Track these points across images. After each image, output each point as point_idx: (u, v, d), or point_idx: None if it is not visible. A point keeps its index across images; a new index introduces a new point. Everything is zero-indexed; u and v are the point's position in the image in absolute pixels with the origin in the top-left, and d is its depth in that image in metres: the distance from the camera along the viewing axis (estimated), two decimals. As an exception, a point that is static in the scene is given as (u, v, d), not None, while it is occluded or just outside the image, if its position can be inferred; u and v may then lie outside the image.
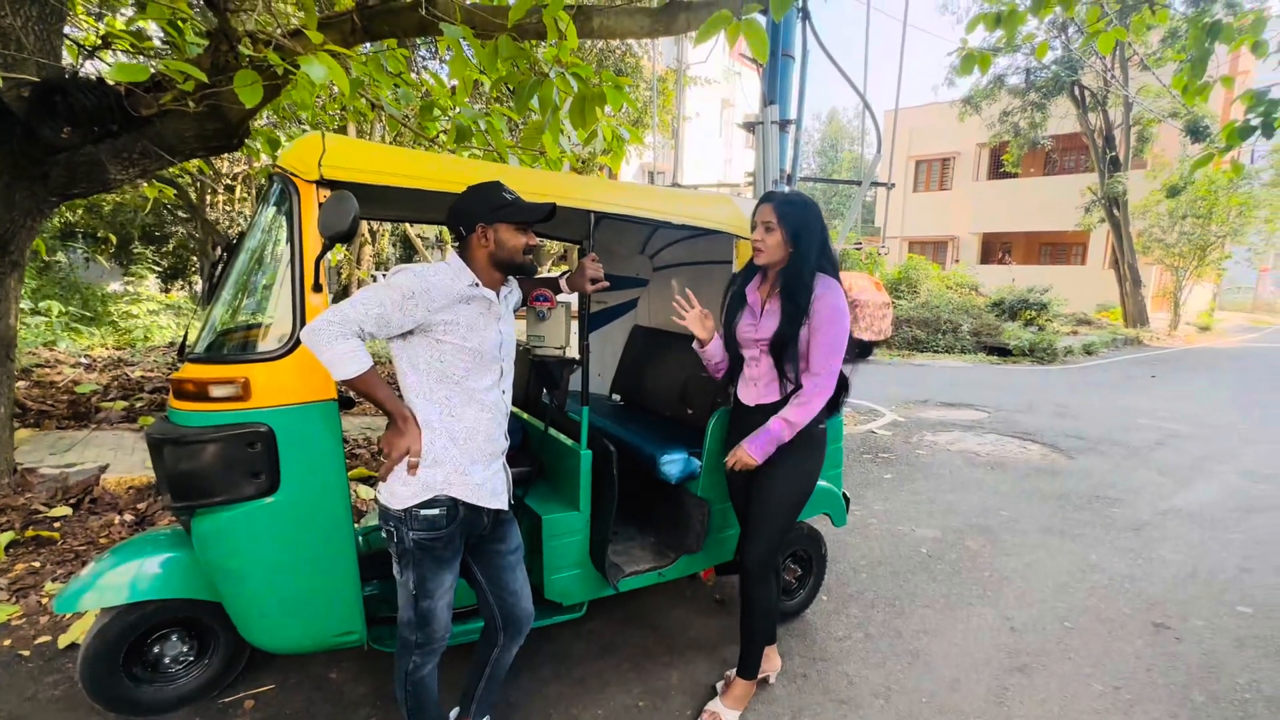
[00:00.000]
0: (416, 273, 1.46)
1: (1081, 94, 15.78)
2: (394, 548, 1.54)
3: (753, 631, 2.06)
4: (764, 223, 1.92)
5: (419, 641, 1.58)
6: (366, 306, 1.39)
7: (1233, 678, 2.39)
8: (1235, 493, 4.53)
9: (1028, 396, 8.12)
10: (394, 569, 1.56)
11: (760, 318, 1.97)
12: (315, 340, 1.37)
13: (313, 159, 1.60)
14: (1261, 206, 16.23)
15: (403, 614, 1.58)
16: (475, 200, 1.56)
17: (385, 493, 1.53)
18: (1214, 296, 22.96)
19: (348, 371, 1.38)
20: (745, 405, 2.05)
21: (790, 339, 1.88)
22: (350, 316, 1.38)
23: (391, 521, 1.52)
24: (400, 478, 1.50)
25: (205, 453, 1.61)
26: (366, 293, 1.41)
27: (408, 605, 1.56)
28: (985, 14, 3.79)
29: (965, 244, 23.04)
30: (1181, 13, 12.71)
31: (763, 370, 1.99)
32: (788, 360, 1.91)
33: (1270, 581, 3.18)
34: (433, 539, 1.51)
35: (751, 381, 2.03)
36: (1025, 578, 3.16)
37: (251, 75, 2.73)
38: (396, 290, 1.42)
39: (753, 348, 1.99)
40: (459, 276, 1.51)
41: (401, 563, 1.54)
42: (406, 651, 1.60)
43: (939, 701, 2.20)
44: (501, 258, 1.55)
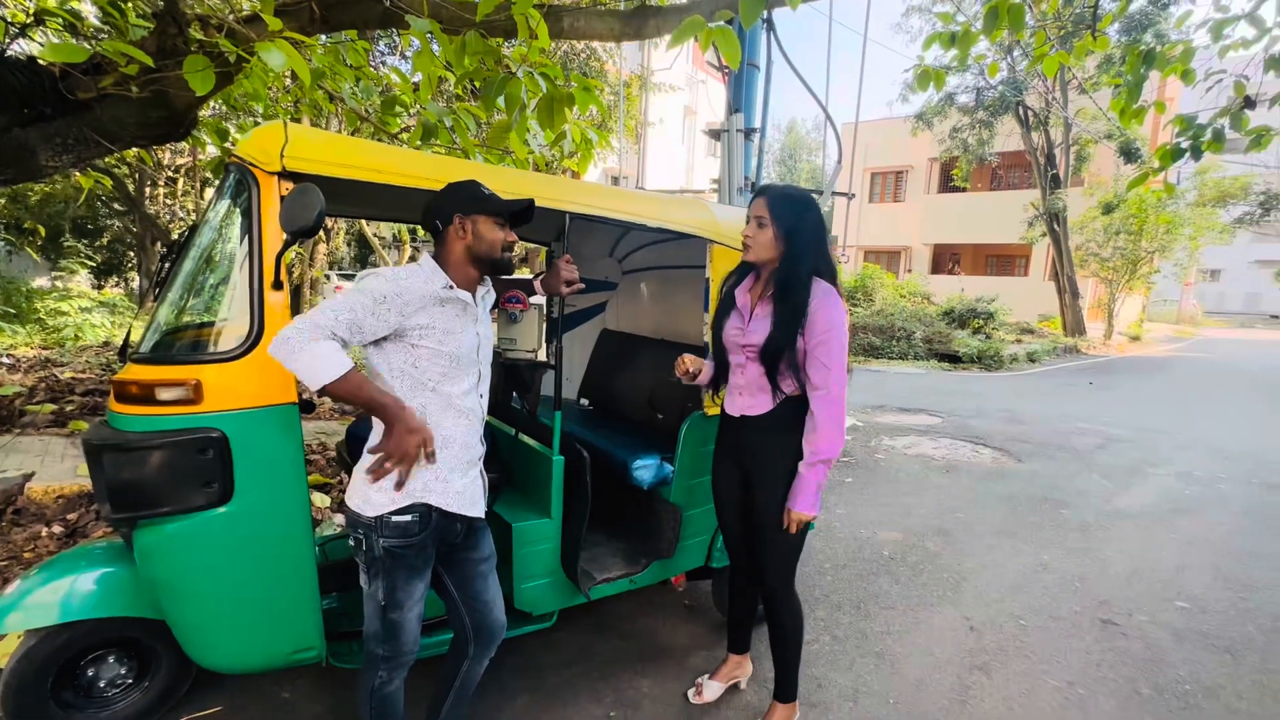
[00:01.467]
0: (387, 276, 1.40)
1: (1025, 114, 16.57)
2: (362, 556, 1.46)
3: (787, 652, 1.96)
4: (756, 217, 1.79)
5: (386, 655, 1.50)
6: (336, 312, 1.31)
7: (1175, 670, 2.51)
8: (1170, 494, 4.79)
9: (978, 402, 8.43)
10: (361, 579, 1.49)
11: (749, 321, 1.83)
12: (285, 350, 1.27)
13: (274, 149, 1.51)
14: (1186, 225, 17.35)
15: (369, 626, 1.50)
16: (454, 194, 1.50)
17: (357, 499, 1.45)
18: (1143, 308, 24.36)
19: (326, 375, 1.27)
20: (729, 416, 1.93)
21: (784, 346, 1.73)
22: (320, 323, 1.29)
23: (361, 529, 1.44)
24: (377, 484, 1.43)
25: (151, 460, 1.50)
26: (336, 299, 1.34)
27: (375, 616, 1.48)
28: (940, 33, 3.92)
29: (917, 254, 23.85)
30: (1117, 40, 13.51)
31: (749, 378, 1.83)
32: (782, 369, 1.76)
33: (1204, 578, 3.37)
34: (404, 546, 1.45)
35: (736, 390, 1.89)
36: (982, 578, 3.25)
37: (202, 61, 2.59)
38: (368, 295, 1.35)
39: (739, 354, 1.84)
40: (432, 279, 1.45)
41: (370, 572, 1.46)
42: (373, 665, 1.52)
43: (905, 703, 2.23)
44: (479, 252, 1.50)
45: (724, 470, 1.98)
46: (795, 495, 1.76)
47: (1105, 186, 16.99)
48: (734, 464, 1.94)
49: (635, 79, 12.86)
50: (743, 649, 2.23)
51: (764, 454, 1.85)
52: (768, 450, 1.85)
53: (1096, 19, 4.92)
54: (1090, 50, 4.17)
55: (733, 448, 1.94)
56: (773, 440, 1.84)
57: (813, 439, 1.73)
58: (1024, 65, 14.47)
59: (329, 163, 1.57)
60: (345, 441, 2.49)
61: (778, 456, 1.83)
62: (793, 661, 1.98)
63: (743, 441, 1.90)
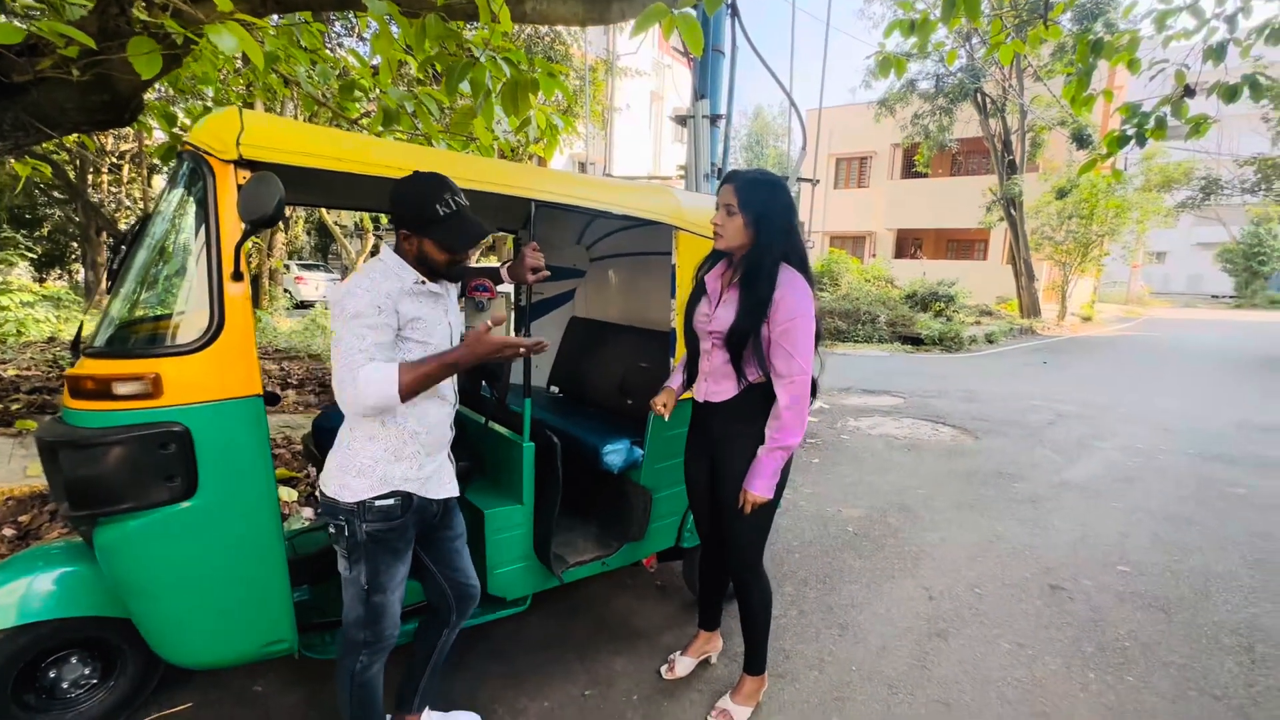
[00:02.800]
0: (363, 287, 1.40)
1: (983, 101, 16.96)
2: (343, 543, 1.48)
3: (755, 630, 2.02)
4: (725, 204, 1.77)
5: (367, 639, 1.53)
6: (358, 345, 1.35)
7: (1115, 629, 2.68)
8: (1115, 466, 5.05)
9: (939, 382, 8.70)
10: (341, 565, 1.50)
11: (716, 307, 1.84)
12: (357, 403, 1.35)
13: (230, 137, 1.48)
14: (1133, 209, 18.07)
15: (350, 612, 1.52)
16: (412, 198, 1.46)
17: (334, 485, 1.46)
18: (1094, 290, 25.34)
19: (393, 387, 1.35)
20: (701, 403, 1.95)
21: (748, 332, 1.74)
22: (355, 363, 1.35)
23: (341, 515, 1.46)
24: (355, 469, 1.45)
25: (110, 455, 1.47)
26: (344, 339, 1.37)
27: (357, 601, 1.51)
28: (900, 20, 4.01)
29: (881, 239, 24.31)
30: (1069, 29, 13.87)
31: (715, 364, 1.86)
32: (746, 356, 1.78)
33: (1144, 544, 3.58)
34: (387, 530, 1.48)
35: (703, 376, 1.91)
36: (941, 550, 3.40)
37: (148, 43, 2.49)
38: (366, 315, 1.38)
39: (706, 340, 1.87)
40: (401, 274, 1.47)
41: (352, 558, 1.48)
42: (353, 651, 1.54)
43: (868, 668, 2.34)
44: (426, 264, 1.51)
45: (693, 455, 2.03)
46: (751, 477, 1.79)
47: (1059, 172, 17.55)
48: (702, 449, 1.98)
49: (601, 63, 12.74)
50: (713, 625, 2.30)
51: (729, 439, 1.87)
52: (732, 435, 1.87)
53: (1048, 8, 5.06)
54: (1044, 39, 4.31)
55: (701, 432, 1.98)
56: (737, 426, 1.86)
57: (774, 425, 1.76)
58: (981, 53, 14.77)
59: (287, 150, 1.55)
60: (312, 434, 2.47)
61: (742, 442, 1.84)
62: (761, 637, 2.04)
63: (710, 426, 1.93)
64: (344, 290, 1.42)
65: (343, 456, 1.48)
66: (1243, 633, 2.67)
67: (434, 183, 1.46)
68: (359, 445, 1.48)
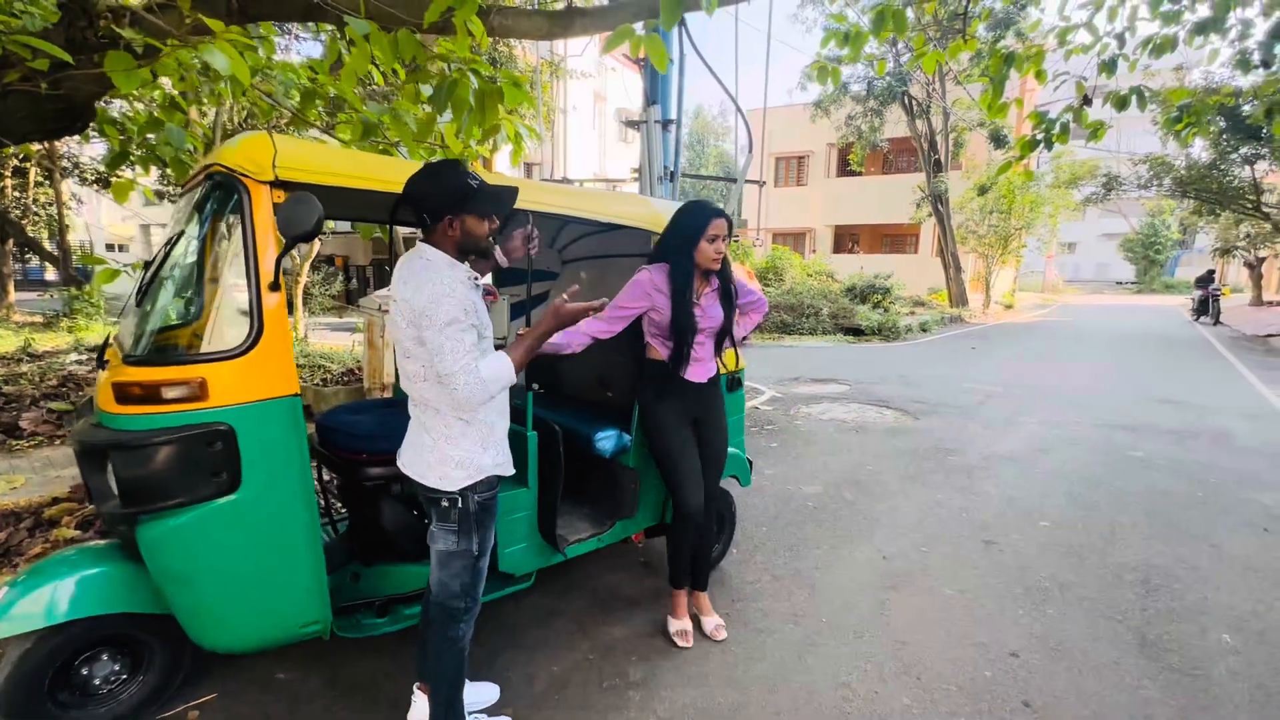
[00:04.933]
0: (445, 293, 1.49)
1: (910, 103, 17.99)
2: (451, 522, 1.64)
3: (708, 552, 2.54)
4: (724, 237, 2.27)
5: (468, 606, 1.72)
6: (464, 345, 1.51)
7: (1039, 573, 3.10)
8: (1036, 438, 5.64)
9: (879, 370, 9.29)
10: (445, 542, 1.66)
11: (705, 309, 2.32)
12: (483, 394, 1.53)
13: (265, 159, 1.62)
14: (1046, 204, 19.57)
15: (452, 584, 1.68)
16: (438, 185, 1.55)
17: (434, 476, 1.63)
18: (1014, 279, 27.21)
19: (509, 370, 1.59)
20: (696, 384, 2.37)
21: (732, 319, 2.38)
22: (469, 364, 1.51)
23: (447, 498, 1.63)
24: (454, 461, 1.62)
25: (161, 455, 1.59)
26: (446, 342, 1.49)
27: (465, 571, 1.68)
28: (835, 31, 4.37)
29: (820, 235, 25.32)
30: (984, 38, 14.91)
31: (708, 351, 2.38)
32: (727, 338, 2.39)
33: (1061, 503, 4.07)
34: (491, 498, 1.70)
35: (698, 362, 2.36)
36: (890, 518, 3.78)
37: (126, 59, 2.54)
38: (460, 320, 1.51)
39: (702, 334, 2.32)
40: (457, 271, 1.59)
41: (462, 529, 1.65)
42: (453, 620, 1.71)
43: (836, 620, 2.65)
44: (467, 246, 1.61)
45: (677, 424, 2.37)
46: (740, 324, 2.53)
47: (979, 170, 18.81)
48: (690, 419, 2.41)
49: (545, 65, 12.81)
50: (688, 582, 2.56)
51: (715, 403, 2.46)
52: (717, 399, 2.47)
53: (966, 23, 5.58)
54: (963, 50, 4.77)
55: (689, 406, 2.38)
56: (718, 391, 2.50)
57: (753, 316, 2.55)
58: (905, 60, 15.66)
59: (317, 171, 1.70)
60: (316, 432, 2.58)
61: (720, 405, 2.49)
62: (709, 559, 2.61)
63: (701, 398, 2.40)
64: (426, 299, 1.49)
65: (440, 451, 1.63)
66: (1140, 569, 3.14)
67: (454, 164, 1.61)
68: (453, 440, 1.63)
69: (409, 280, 1.57)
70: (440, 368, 1.51)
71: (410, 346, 1.58)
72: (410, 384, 1.65)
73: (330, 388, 5.71)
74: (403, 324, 1.58)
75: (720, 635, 2.47)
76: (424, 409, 1.66)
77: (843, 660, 2.38)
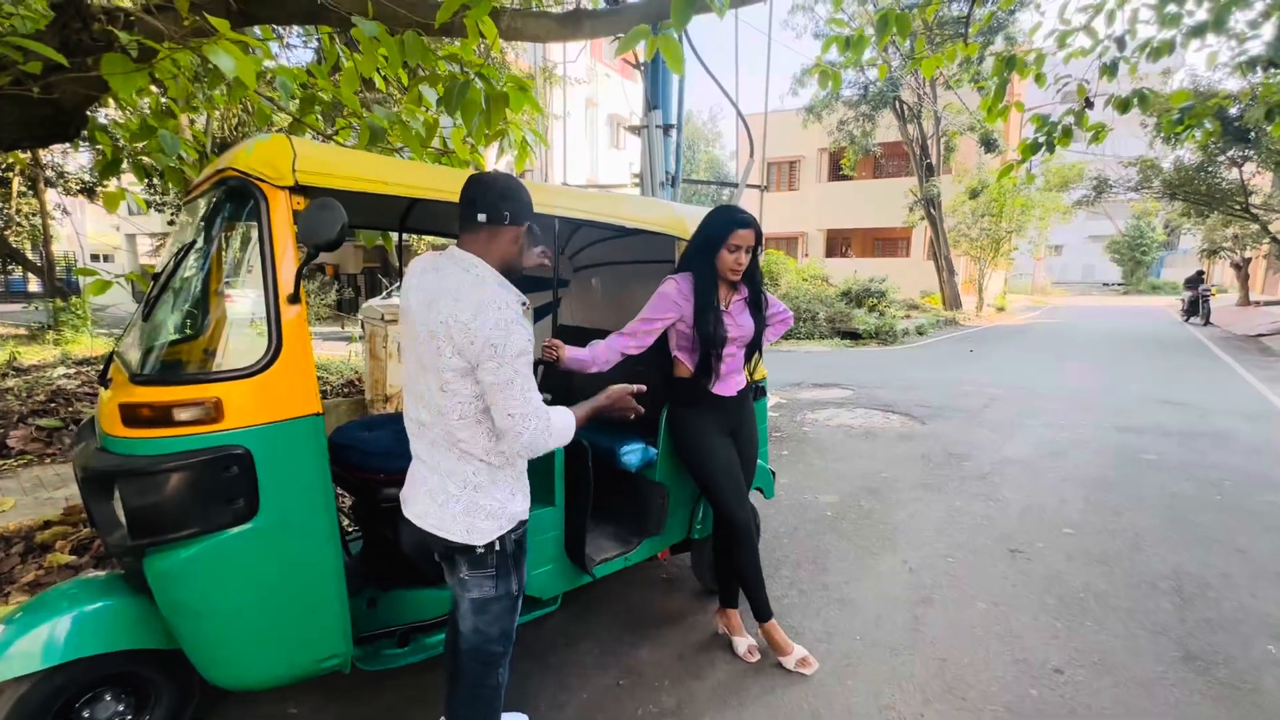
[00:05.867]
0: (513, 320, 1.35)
1: (901, 108, 18.11)
2: (488, 569, 1.49)
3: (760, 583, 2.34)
4: (748, 247, 2.17)
5: (505, 649, 1.59)
6: (530, 380, 1.40)
7: (1070, 582, 3.03)
8: (1045, 442, 5.59)
9: (880, 374, 9.25)
10: (483, 589, 1.50)
11: (733, 318, 2.23)
12: (548, 440, 1.43)
13: (284, 164, 1.52)
14: (1036, 207, 19.73)
15: (491, 629, 1.53)
16: (516, 188, 1.46)
17: (459, 530, 1.45)
18: (1006, 282, 27.41)
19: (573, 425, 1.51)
20: (727, 397, 2.28)
21: (763, 329, 2.31)
22: (539, 403, 1.40)
23: (482, 547, 1.47)
24: (485, 513, 1.47)
25: (172, 482, 1.47)
26: (519, 380, 1.36)
27: (504, 615, 1.55)
28: (837, 36, 4.32)
29: (813, 239, 25.40)
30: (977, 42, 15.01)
31: (739, 363, 2.32)
32: (756, 350, 2.33)
33: (1080, 508, 4.02)
34: (524, 530, 1.59)
35: (729, 374, 2.29)
36: (911, 526, 3.70)
37: (124, 62, 2.43)
38: (528, 352, 1.40)
39: (733, 345, 2.24)
40: (510, 291, 1.43)
41: (500, 574, 1.50)
42: (493, 666, 1.57)
43: (869, 637, 2.56)
44: (514, 265, 1.50)
45: (720, 440, 2.29)
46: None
47: (970, 174, 18.94)
48: (726, 432, 2.33)
49: (542, 71, 12.75)
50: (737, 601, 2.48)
51: (748, 414, 2.41)
52: (749, 410, 2.42)
53: (967, 27, 5.56)
54: (961, 54, 4.75)
55: (726, 419, 2.31)
56: (749, 403, 2.43)
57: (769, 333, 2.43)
58: (898, 65, 15.77)
59: (338, 176, 1.59)
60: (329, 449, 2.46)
61: (752, 417, 2.44)
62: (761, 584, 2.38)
63: (736, 411, 2.33)
64: (492, 325, 1.32)
65: (469, 501, 1.45)
66: (1172, 577, 3.08)
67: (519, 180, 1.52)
68: (483, 489, 1.46)
69: (460, 297, 1.35)
70: (509, 407, 1.34)
71: (451, 378, 1.37)
72: (438, 420, 1.42)
73: (330, 400, 5.57)
74: (446, 350, 1.36)
75: (753, 657, 2.37)
76: (449, 451, 1.44)
77: (882, 680, 2.28)
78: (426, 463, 1.49)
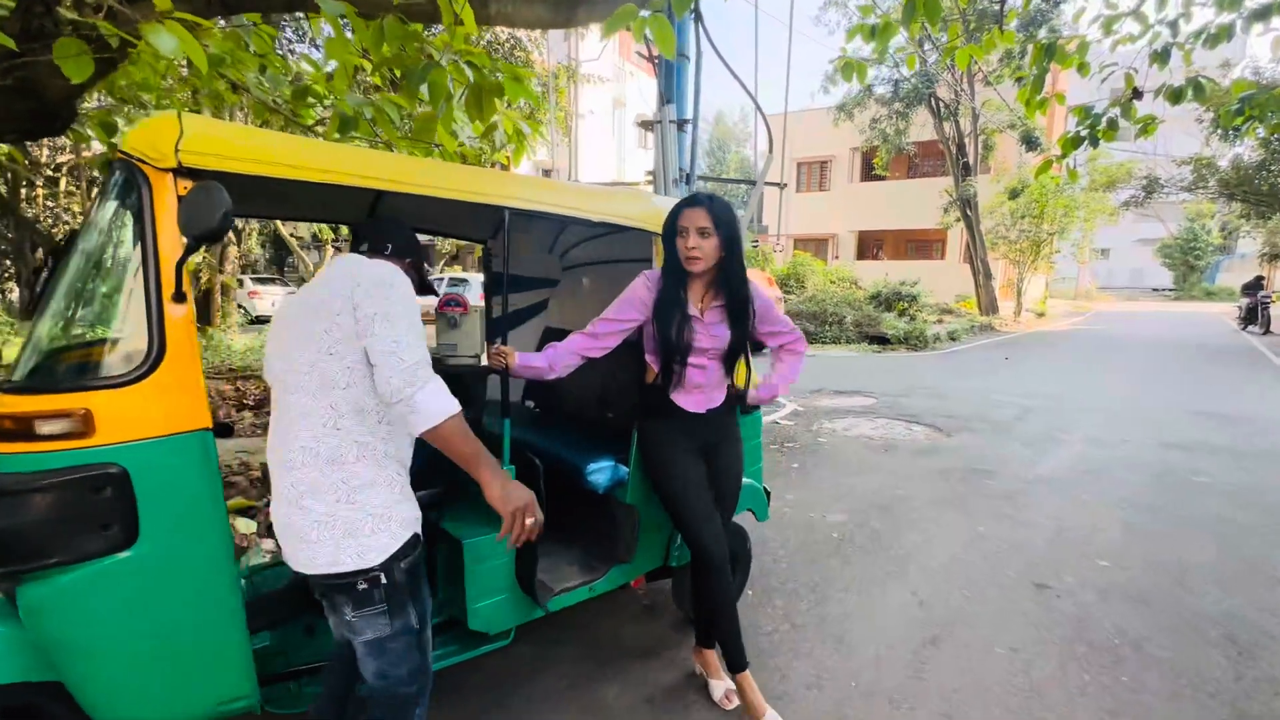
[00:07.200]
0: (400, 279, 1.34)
1: (937, 105, 17.44)
2: (377, 604, 1.32)
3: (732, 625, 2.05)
4: (699, 228, 1.84)
5: (421, 687, 1.41)
6: (420, 333, 1.29)
7: (1103, 625, 2.68)
8: (1082, 459, 5.16)
9: (907, 381, 8.82)
10: (377, 628, 1.34)
11: (708, 326, 1.94)
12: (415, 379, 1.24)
13: (167, 143, 1.33)
14: (1080, 208, 18.80)
15: (400, 668, 1.37)
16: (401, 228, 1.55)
17: (348, 557, 1.28)
18: (1046, 286, 26.28)
19: (449, 408, 1.25)
20: (693, 413, 2.01)
21: (744, 344, 1.97)
22: (425, 355, 1.27)
23: (370, 573, 1.30)
24: (372, 527, 1.30)
25: (33, 504, 1.29)
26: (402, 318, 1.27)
27: (411, 650, 1.37)
28: (862, 25, 4.02)
29: (843, 241, 24.76)
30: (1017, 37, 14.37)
31: (712, 378, 1.99)
32: (736, 362, 2.01)
33: (1118, 536, 3.63)
34: (419, 557, 1.40)
35: (699, 389, 2.00)
36: (925, 552, 3.38)
37: (76, 44, 2.30)
38: (413, 304, 1.31)
39: (702, 356, 1.95)
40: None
41: (395, 606, 1.33)
42: (408, 708, 1.40)
43: (866, 683, 2.27)
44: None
45: (690, 461, 2.01)
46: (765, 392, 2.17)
47: (1010, 173, 18.15)
48: (697, 453, 2.04)
49: (563, 70, 12.64)
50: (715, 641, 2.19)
51: (728, 439, 2.11)
52: (729, 429, 2.12)
53: (1003, 14, 5.18)
54: (996, 44, 4.39)
55: (696, 439, 2.03)
56: (730, 420, 2.14)
57: (784, 370, 2.15)
58: (934, 59, 15.18)
59: (233, 157, 1.40)
60: (270, 462, 2.29)
61: (734, 439, 2.14)
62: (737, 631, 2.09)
63: (708, 431, 2.04)
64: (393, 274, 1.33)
65: (346, 518, 1.28)
66: (1224, 623, 2.70)
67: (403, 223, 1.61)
68: (359, 492, 1.30)
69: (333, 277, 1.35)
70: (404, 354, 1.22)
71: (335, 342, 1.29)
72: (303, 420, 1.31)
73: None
74: (318, 326, 1.30)
75: (730, 704, 2.11)
76: (313, 460, 1.29)
77: (876, 738, 2.00)
78: (287, 489, 1.34)
